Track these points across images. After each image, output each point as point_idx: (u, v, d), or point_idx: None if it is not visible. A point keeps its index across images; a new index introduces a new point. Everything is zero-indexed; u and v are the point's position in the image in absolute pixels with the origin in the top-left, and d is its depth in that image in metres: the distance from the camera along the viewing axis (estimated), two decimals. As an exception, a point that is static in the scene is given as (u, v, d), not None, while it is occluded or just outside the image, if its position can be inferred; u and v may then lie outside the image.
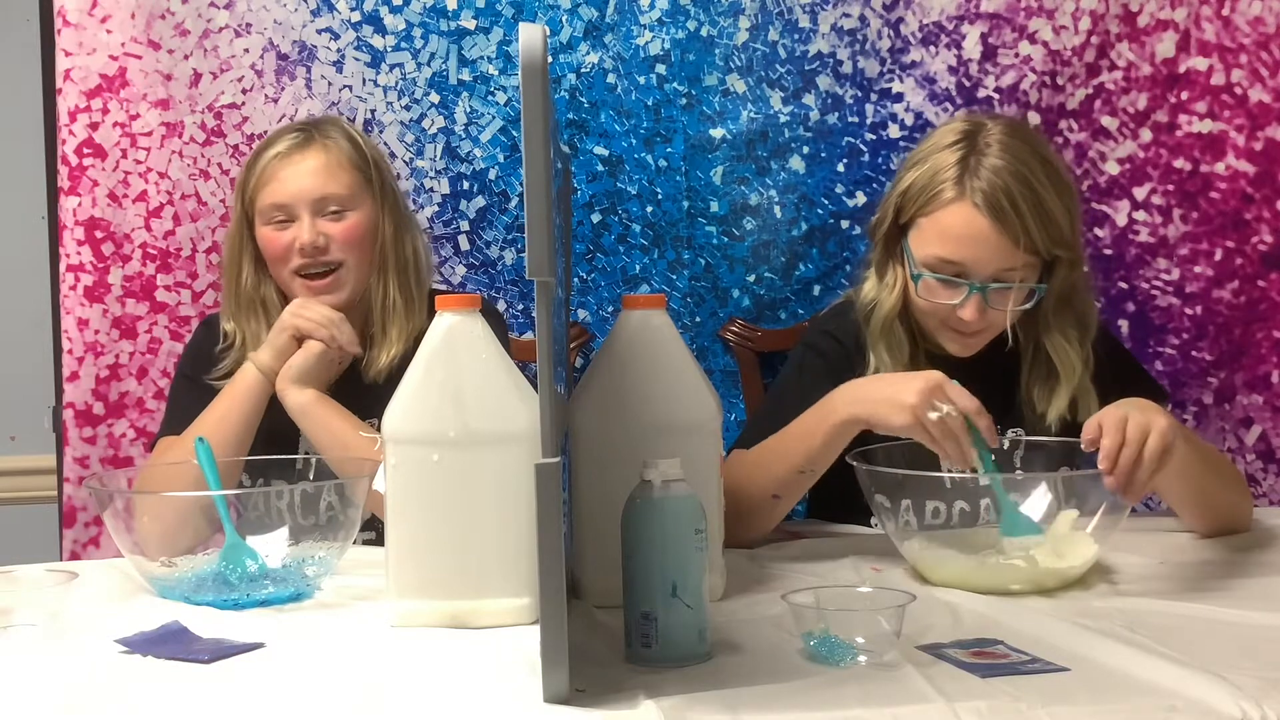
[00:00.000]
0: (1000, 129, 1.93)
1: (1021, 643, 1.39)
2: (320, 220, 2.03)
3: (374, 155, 2.11)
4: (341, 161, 2.05)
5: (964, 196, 1.88)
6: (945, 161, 1.90)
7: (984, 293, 1.88)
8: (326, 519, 1.67)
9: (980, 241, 1.87)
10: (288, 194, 2.03)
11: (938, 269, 1.90)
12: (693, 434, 1.59)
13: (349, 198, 2.05)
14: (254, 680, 1.34)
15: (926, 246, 1.91)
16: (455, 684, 1.32)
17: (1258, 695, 1.22)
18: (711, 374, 2.38)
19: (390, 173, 2.16)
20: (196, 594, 1.62)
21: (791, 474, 1.84)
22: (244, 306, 2.08)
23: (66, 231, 2.42)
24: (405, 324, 2.06)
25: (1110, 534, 1.65)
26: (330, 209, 2.03)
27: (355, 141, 2.09)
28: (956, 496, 1.75)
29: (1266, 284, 2.50)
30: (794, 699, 1.25)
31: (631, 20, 2.44)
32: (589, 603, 1.58)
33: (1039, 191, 1.88)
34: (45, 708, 1.28)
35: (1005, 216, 1.86)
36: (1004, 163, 1.88)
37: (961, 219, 1.88)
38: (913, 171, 1.95)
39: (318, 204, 2.03)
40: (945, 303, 1.90)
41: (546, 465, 1.24)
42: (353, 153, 2.07)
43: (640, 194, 2.46)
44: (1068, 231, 1.91)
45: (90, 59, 2.40)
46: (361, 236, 2.05)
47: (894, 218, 1.97)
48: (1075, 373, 1.93)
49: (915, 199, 1.93)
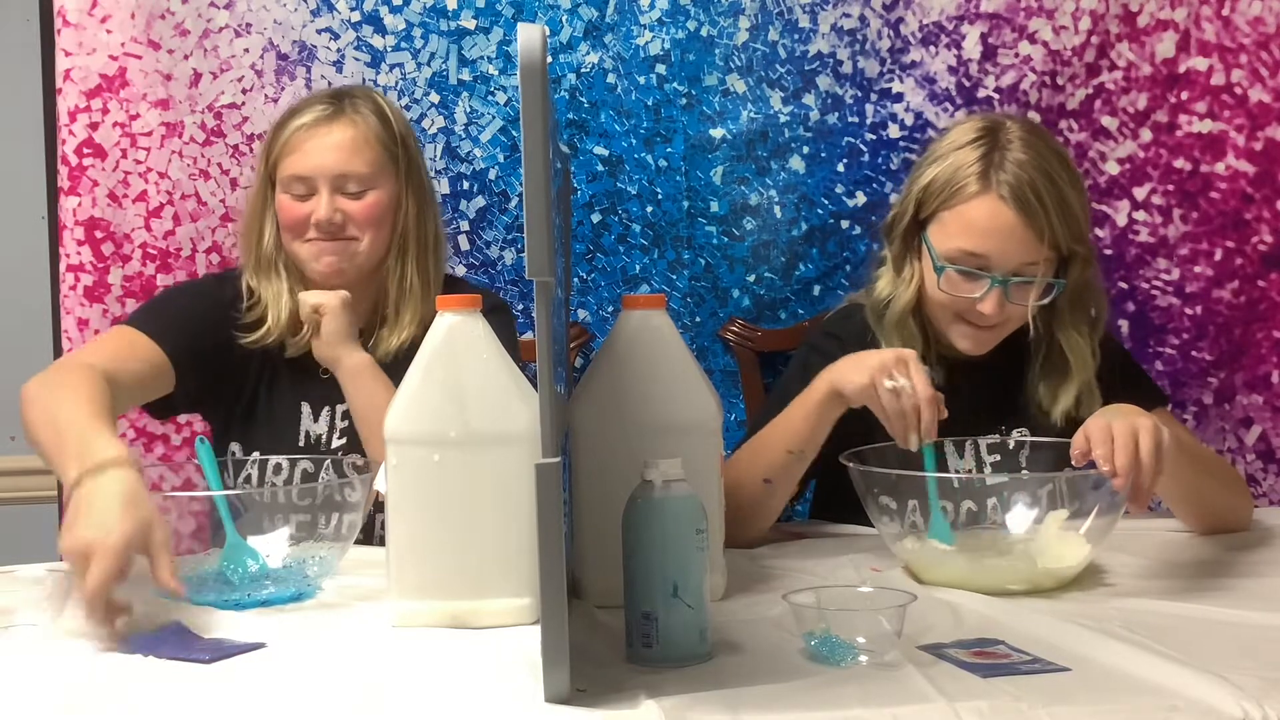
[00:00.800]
0: (1019, 127, 1.96)
1: (1022, 643, 1.39)
2: (339, 197, 2.00)
3: (402, 131, 2.06)
4: (368, 138, 2.01)
5: (989, 190, 1.89)
6: (968, 157, 1.92)
7: (1005, 286, 1.89)
8: (327, 518, 1.67)
9: (1005, 234, 1.89)
10: (309, 167, 2.00)
11: (961, 261, 1.91)
12: (693, 434, 1.59)
13: (371, 176, 2.00)
14: (254, 680, 1.34)
15: (950, 240, 1.92)
16: (456, 684, 1.32)
17: (1259, 695, 1.22)
18: (711, 374, 2.38)
19: (418, 150, 2.11)
20: (197, 594, 1.62)
21: (780, 456, 1.85)
22: (264, 267, 2.05)
23: (66, 231, 2.42)
24: (420, 307, 2.02)
25: (1107, 534, 1.65)
26: (350, 186, 2.00)
27: (385, 116, 2.04)
28: (964, 496, 1.75)
29: (1266, 284, 2.50)
30: (795, 699, 1.25)
31: (631, 20, 2.44)
32: (589, 603, 1.58)
33: (1061, 187, 1.90)
34: (45, 708, 1.28)
35: (1031, 210, 1.88)
36: (1028, 158, 1.90)
37: (987, 212, 1.89)
38: (933, 167, 1.96)
39: (338, 180, 1.99)
40: (966, 296, 1.91)
41: (546, 465, 1.24)
42: (380, 129, 2.02)
43: (640, 194, 2.46)
44: (1084, 227, 1.94)
45: (90, 59, 2.40)
46: (380, 215, 2.01)
47: (914, 213, 1.98)
48: (1088, 366, 1.95)
49: (938, 193, 1.94)
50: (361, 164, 2.00)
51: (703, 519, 1.38)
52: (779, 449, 1.85)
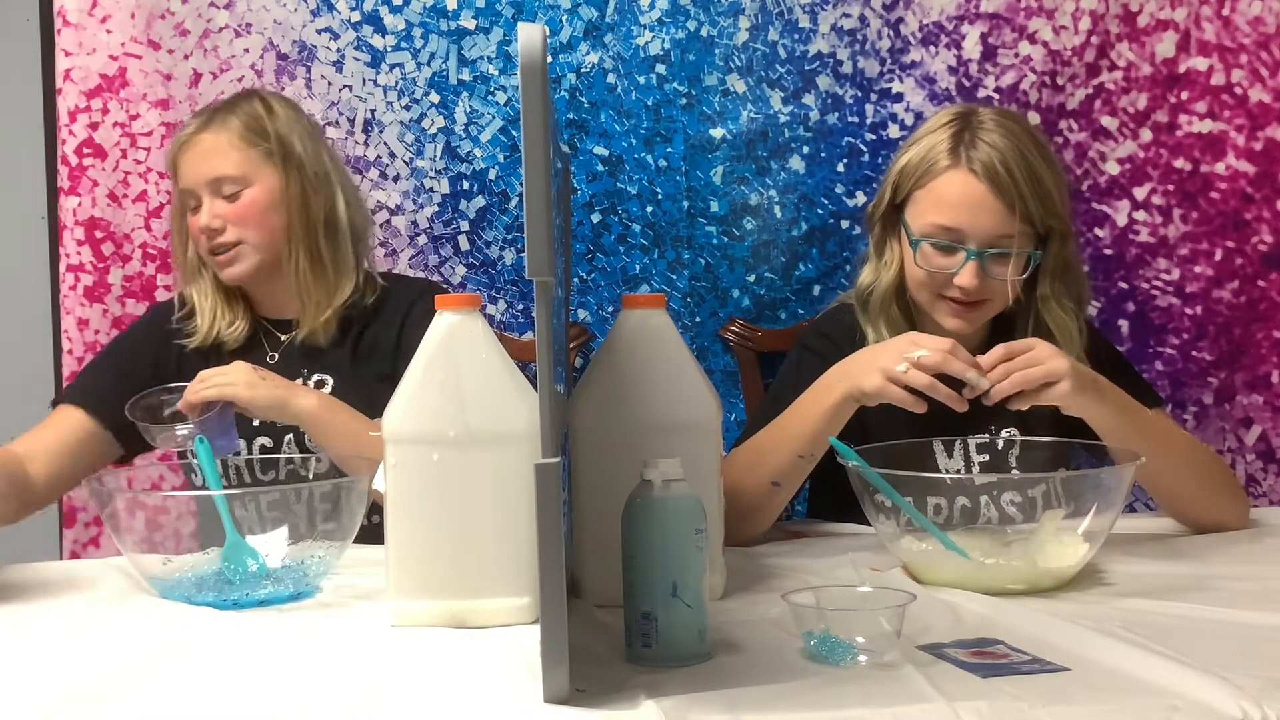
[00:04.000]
0: (993, 111, 2.02)
1: (1022, 643, 1.39)
2: (218, 201, 2.07)
3: (276, 127, 2.10)
4: (232, 140, 2.07)
5: (960, 164, 1.94)
6: (940, 138, 1.97)
7: (981, 259, 1.92)
8: (327, 518, 1.67)
9: (977, 207, 1.92)
10: (188, 178, 2.09)
11: (936, 235, 1.95)
12: (693, 433, 1.59)
13: (240, 176, 2.07)
14: (254, 680, 1.34)
15: (924, 215, 1.96)
16: (455, 684, 1.31)
17: (1258, 695, 1.22)
18: (711, 374, 2.38)
19: (309, 138, 2.13)
20: (197, 594, 1.62)
21: (791, 460, 1.86)
22: (190, 275, 2.14)
23: (66, 231, 2.42)
24: (324, 290, 2.09)
25: (1104, 534, 1.65)
26: (226, 188, 2.06)
27: (255, 116, 2.09)
28: (957, 493, 1.76)
29: (1266, 284, 2.50)
30: (794, 699, 1.25)
31: (631, 20, 2.44)
32: (589, 602, 1.58)
33: (1032, 163, 1.94)
34: (45, 708, 1.28)
35: (1001, 182, 1.92)
36: (999, 135, 1.95)
37: (958, 185, 1.94)
38: (907, 153, 2.02)
39: (214, 185, 2.07)
40: (943, 270, 1.94)
41: (546, 465, 1.24)
42: (244, 130, 2.08)
43: (640, 194, 2.46)
44: (1059, 204, 1.97)
45: (90, 59, 2.40)
46: (258, 212, 2.07)
47: (890, 196, 2.02)
48: (1075, 343, 1.98)
49: (911, 174, 1.99)
50: (229, 165, 2.07)
51: (702, 519, 1.38)
52: (788, 453, 1.86)
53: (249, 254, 2.08)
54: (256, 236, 2.07)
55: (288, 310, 2.13)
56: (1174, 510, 1.93)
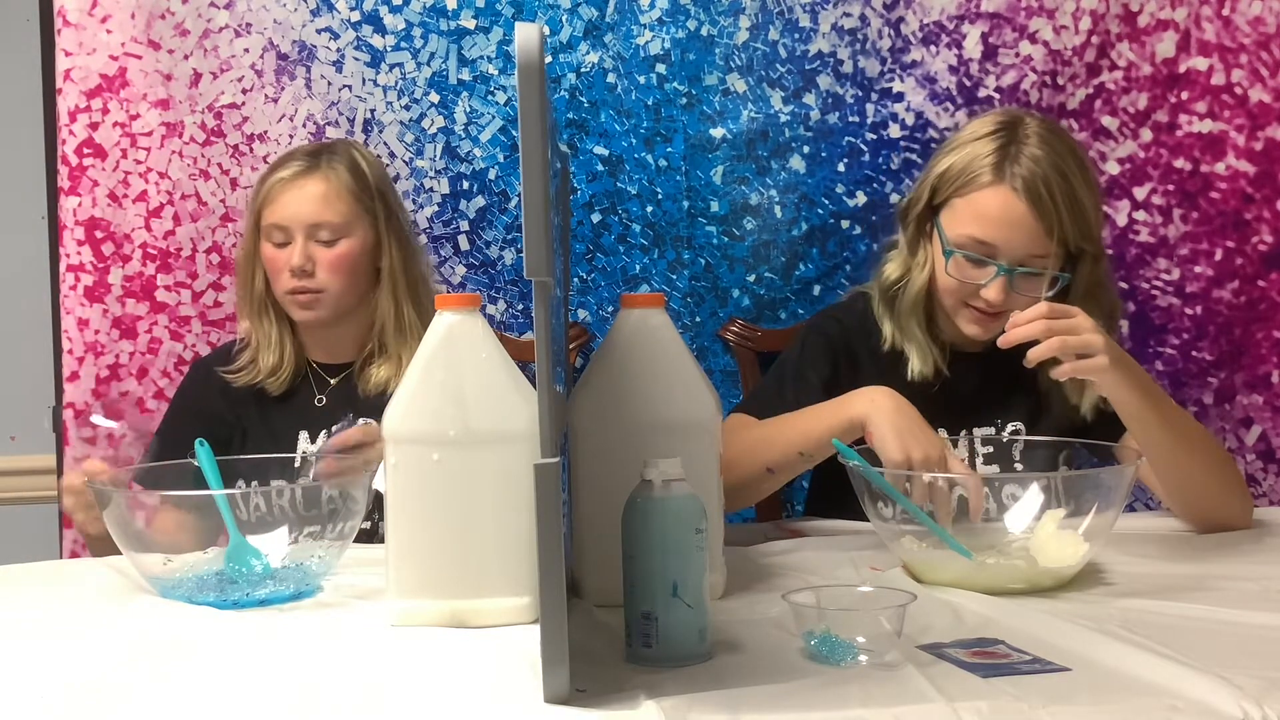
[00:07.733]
0: (1038, 123, 2.00)
1: (1022, 643, 1.39)
2: (312, 244, 2.10)
3: (378, 183, 2.16)
4: (340, 191, 2.11)
5: (1003, 181, 1.93)
6: (985, 148, 1.96)
7: (1011, 275, 1.93)
8: (327, 518, 1.67)
9: (1015, 225, 1.92)
10: (285, 216, 2.11)
11: (969, 248, 1.95)
12: (692, 433, 1.59)
13: (342, 225, 2.11)
14: (255, 679, 1.34)
15: (961, 226, 1.96)
16: (455, 684, 1.31)
17: (1259, 695, 1.22)
18: (711, 374, 2.38)
19: (396, 198, 2.21)
20: (198, 594, 1.62)
21: (790, 453, 1.88)
22: (256, 309, 2.16)
23: (66, 231, 2.42)
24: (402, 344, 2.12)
25: (1105, 533, 1.65)
26: (323, 235, 2.10)
27: (359, 170, 2.14)
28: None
29: (1266, 284, 2.50)
30: (795, 699, 1.25)
31: (631, 20, 2.44)
32: (589, 602, 1.57)
33: (1074, 185, 1.94)
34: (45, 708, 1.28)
35: (1042, 204, 1.92)
36: (1043, 153, 1.94)
37: (999, 201, 1.93)
38: (949, 156, 2.01)
39: (311, 229, 2.10)
40: (972, 282, 1.95)
41: (546, 465, 1.24)
42: (352, 182, 2.12)
43: (640, 194, 2.46)
44: (1095, 226, 1.98)
45: (90, 59, 2.40)
46: (350, 264, 2.11)
47: (929, 198, 2.02)
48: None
49: (953, 181, 1.98)
50: (333, 214, 2.11)
51: (702, 518, 1.38)
52: (790, 447, 1.88)
53: (329, 302, 2.12)
54: (340, 286, 2.11)
55: (340, 355, 2.17)
56: (1182, 504, 1.90)
